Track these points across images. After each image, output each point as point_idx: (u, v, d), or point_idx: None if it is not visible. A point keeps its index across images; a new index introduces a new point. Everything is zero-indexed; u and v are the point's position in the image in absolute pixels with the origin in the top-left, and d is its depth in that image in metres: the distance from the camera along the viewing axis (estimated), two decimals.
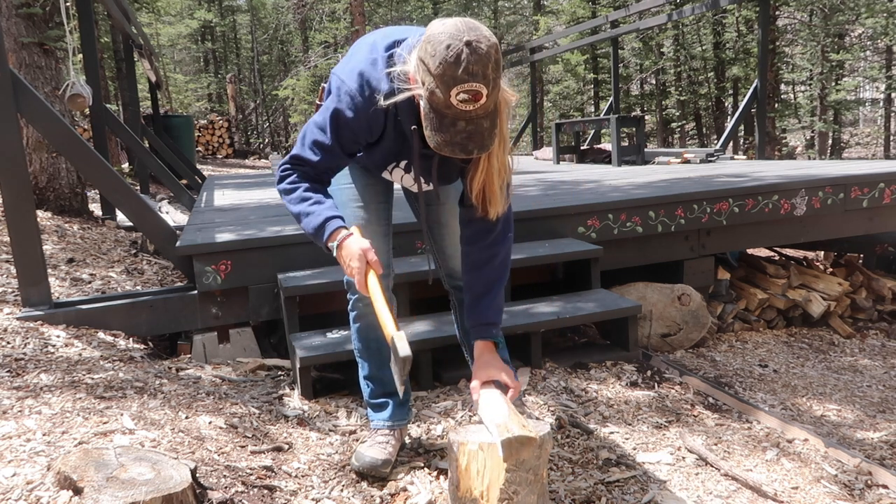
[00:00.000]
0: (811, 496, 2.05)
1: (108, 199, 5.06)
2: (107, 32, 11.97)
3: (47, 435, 1.84)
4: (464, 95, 1.39)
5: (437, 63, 1.38)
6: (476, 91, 1.38)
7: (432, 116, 1.44)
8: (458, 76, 1.37)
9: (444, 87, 1.39)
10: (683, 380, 2.92)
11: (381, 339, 1.95)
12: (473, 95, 1.39)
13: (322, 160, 1.66)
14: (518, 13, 22.76)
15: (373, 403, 2.09)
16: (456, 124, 1.42)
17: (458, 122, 1.42)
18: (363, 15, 14.82)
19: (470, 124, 1.43)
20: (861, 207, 4.16)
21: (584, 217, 3.53)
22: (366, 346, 2.03)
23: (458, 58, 1.37)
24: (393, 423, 2.06)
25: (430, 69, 1.40)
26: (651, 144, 16.34)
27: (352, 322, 2.03)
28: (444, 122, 1.43)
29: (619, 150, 7.32)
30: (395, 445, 2.04)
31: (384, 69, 1.57)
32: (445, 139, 1.44)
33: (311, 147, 1.66)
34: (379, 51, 1.61)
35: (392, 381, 1.96)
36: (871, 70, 14.58)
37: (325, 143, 1.65)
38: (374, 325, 1.92)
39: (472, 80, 1.38)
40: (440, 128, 1.43)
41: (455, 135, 1.43)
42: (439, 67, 1.38)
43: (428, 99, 1.43)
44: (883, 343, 3.97)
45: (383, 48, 1.61)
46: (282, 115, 22.93)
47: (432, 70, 1.39)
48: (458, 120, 1.42)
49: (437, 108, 1.42)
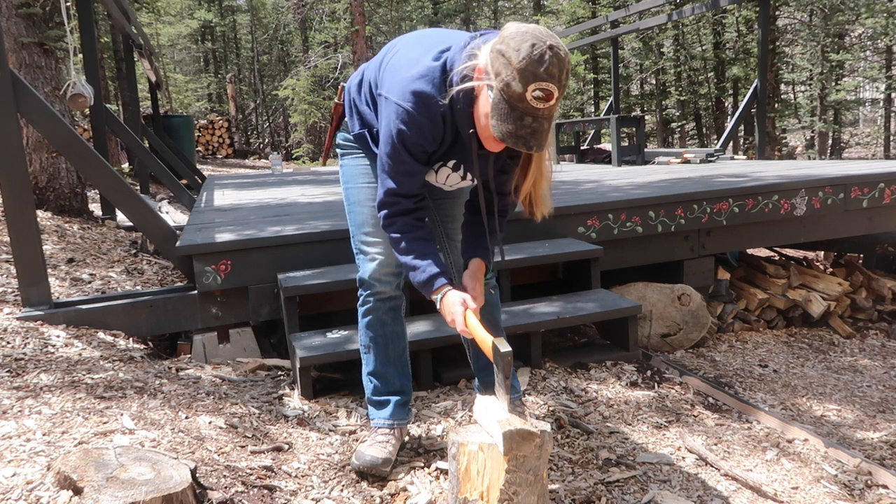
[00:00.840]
0: (811, 496, 2.06)
1: (108, 199, 5.06)
2: (107, 32, 11.98)
3: (47, 435, 1.84)
4: (539, 93, 1.46)
5: (521, 57, 1.44)
6: (550, 91, 1.46)
7: (503, 107, 1.49)
8: (539, 73, 1.44)
9: (524, 81, 1.45)
10: (683, 380, 2.92)
11: (389, 336, 2.05)
12: (547, 95, 1.46)
13: (411, 185, 1.75)
14: (518, 13, 22.76)
15: (374, 401, 2.11)
16: (523, 119, 1.48)
17: (526, 118, 1.48)
18: (363, 15, 14.83)
19: (535, 122, 1.49)
20: (861, 207, 4.16)
21: (584, 217, 3.53)
22: (373, 340, 2.06)
23: (542, 57, 1.44)
24: (394, 421, 2.08)
25: (511, 62, 1.45)
26: (651, 144, 16.34)
27: (361, 316, 2.07)
28: (512, 114, 1.48)
29: (619, 150, 7.32)
30: (396, 445, 2.06)
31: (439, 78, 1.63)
32: (510, 130, 1.49)
33: (395, 177, 1.73)
34: (426, 62, 1.66)
35: (394, 380, 2.08)
36: (871, 70, 14.58)
37: (405, 170, 1.72)
38: (382, 320, 2.04)
39: (549, 80, 1.45)
40: (508, 119, 1.49)
41: (521, 128, 1.49)
42: (522, 62, 1.44)
43: (502, 90, 1.48)
44: (883, 343, 3.97)
45: (431, 59, 1.66)
46: (282, 115, 22.93)
47: (514, 63, 1.45)
48: (527, 115, 1.48)
49: (510, 101, 1.48)
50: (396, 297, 2.07)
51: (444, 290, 1.73)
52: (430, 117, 1.64)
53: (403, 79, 1.66)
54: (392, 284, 2.04)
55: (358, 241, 2.04)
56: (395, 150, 1.69)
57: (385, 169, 1.73)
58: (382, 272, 2.00)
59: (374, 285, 2.02)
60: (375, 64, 1.86)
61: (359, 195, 2.01)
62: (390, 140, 1.69)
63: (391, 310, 2.06)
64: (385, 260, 1.99)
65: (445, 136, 1.71)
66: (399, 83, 1.66)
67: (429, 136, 1.68)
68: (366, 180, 2.00)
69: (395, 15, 21.31)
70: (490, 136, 1.58)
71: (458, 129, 1.69)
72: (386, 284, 2.02)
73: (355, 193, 2.02)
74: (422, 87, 1.63)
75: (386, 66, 1.77)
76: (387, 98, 1.69)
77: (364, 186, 2.01)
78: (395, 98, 1.66)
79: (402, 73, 1.67)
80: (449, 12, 20.10)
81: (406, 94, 1.64)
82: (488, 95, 1.53)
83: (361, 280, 2.04)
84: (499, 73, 1.48)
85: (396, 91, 1.66)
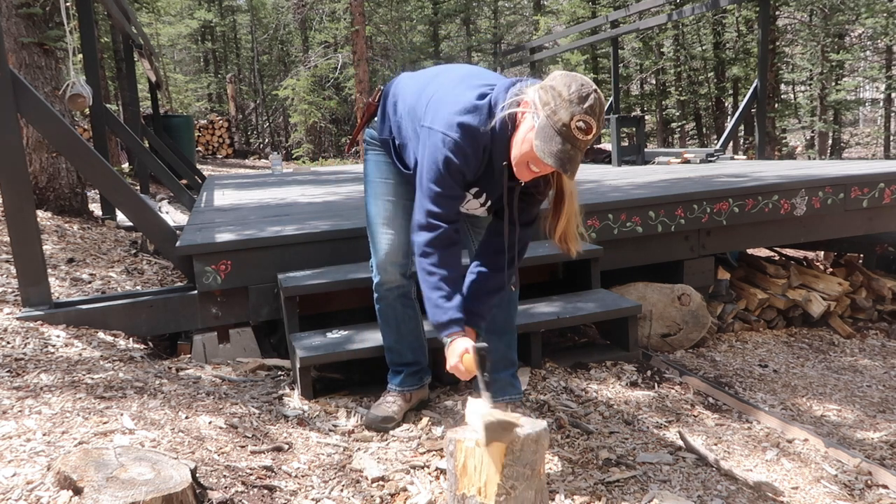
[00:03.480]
0: (811, 496, 2.06)
1: (108, 199, 5.06)
2: (107, 32, 11.97)
3: (47, 435, 1.84)
4: (582, 124, 1.65)
5: (572, 91, 1.66)
6: (590, 126, 1.66)
7: (548, 132, 1.67)
8: (585, 107, 1.66)
9: (571, 111, 1.65)
10: (683, 380, 2.92)
11: (401, 318, 2.33)
12: (587, 128, 1.66)
13: (451, 209, 1.90)
14: (518, 13, 22.75)
15: (391, 370, 2.42)
16: (564, 144, 1.66)
17: (566, 144, 1.66)
18: (363, 15, 14.82)
19: (573, 150, 1.67)
20: (861, 207, 4.16)
21: (584, 217, 3.51)
22: (386, 322, 2.36)
23: (588, 96, 1.66)
24: (402, 388, 2.39)
25: (561, 94, 1.66)
26: (651, 144, 16.34)
27: (375, 302, 2.35)
28: (556, 138, 1.66)
29: (619, 150, 7.32)
30: (402, 406, 2.36)
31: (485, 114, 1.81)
32: (551, 150, 1.67)
33: (438, 202, 1.87)
34: (472, 99, 1.82)
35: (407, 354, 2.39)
36: (871, 70, 14.57)
37: (447, 194, 1.87)
38: (393, 306, 2.32)
39: (592, 116, 1.66)
40: (551, 142, 1.67)
41: (561, 152, 1.67)
42: (573, 94, 1.66)
43: (549, 115, 1.67)
44: (883, 343, 3.97)
45: (476, 96, 1.83)
46: (282, 115, 22.92)
47: (564, 95, 1.66)
48: (567, 142, 1.66)
49: (556, 126, 1.66)
50: (404, 285, 2.29)
51: (454, 337, 1.87)
52: (474, 147, 1.82)
53: (450, 113, 1.82)
54: (399, 273, 2.26)
55: (371, 231, 2.26)
56: (441, 175, 1.83)
57: (428, 194, 1.87)
58: (389, 261, 2.23)
59: (383, 274, 2.27)
60: (416, 90, 2.02)
61: (377, 189, 2.23)
62: (435, 166, 1.83)
63: (401, 296, 2.31)
64: (392, 248, 2.22)
65: (481, 165, 1.88)
66: (445, 116, 1.82)
67: (471, 164, 1.85)
68: (385, 176, 2.22)
69: (395, 15, 21.29)
70: (522, 163, 1.76)
71: (492, 159, 1.86)
72: (392, 274, 2.25)
73: (375, 187, 2.24)
74: (468, 121, 1.80)
75: (429, 99, 1.93)
76: (431, 129, 1.85)
77: (383, 182, 2.22)
78: (442, 129, 1.81)
79: (448, 108, 1.83)
80: (449, 12, 20.08)
81: (453, 126, 1.80)
82: (533, 122, 1.71)
83: (372, 268, 2.30)
84: (547, 104, 1.68)
85: (443, 123, 1.82)
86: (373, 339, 2.59)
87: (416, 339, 2.39)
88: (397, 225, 2.21)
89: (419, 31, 21.46)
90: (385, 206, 2.21)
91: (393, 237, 2.21)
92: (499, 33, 21.19)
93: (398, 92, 2.12)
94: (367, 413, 2.37)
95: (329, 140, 19.92)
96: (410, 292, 2.33)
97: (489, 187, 1.95)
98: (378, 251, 2.24)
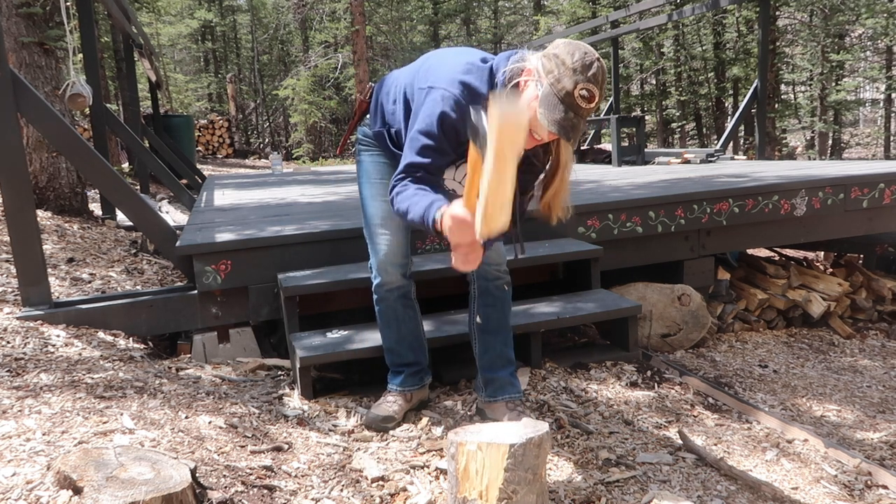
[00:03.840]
0: (811, 496, 2.06)
1: (108, 199, 5.06)
2: (107, 32, 11.97)
3: (47, 434, 1.84)
4: (585, 92, 1.65)
5: (576, 59, 1.65)
6: (593, 94, 1.66)
7: (551, 100, 1.66)
8: (588, 76, 1.65)
9: (574, 79, 1.64)
10: (683, 380, 2.92)
11: (401, 319, 2.32)
12: (590, 96, 1.66)
13: (433, 161, 1.84)
14: (518, 13, 22.76)
15: (391, 370, 2.42)
16: (567, 112, 1.66)
17: (569, 112, 1.66)
18: (363, 15, 14.83)
19: (576, 118, 1.67)
20: (861, 208, 4.16)
21: (584, 217, 3.52)
22: (387, 323, 2.35)
23: (592, 65, 1.66)
24: (402, 388, 2.38)
25: (564, 63, 1.65)
26: (651, 144, 16.34)
27: (375, 304, 2.34)
28: (560, 106, 1.66)
29: (619, 151, 7.32)
30: (403, 406, 2.36)
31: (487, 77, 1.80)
32: (556, 119, 1.66)
33: (421, 152, 1.82)
34: (473, 62, 1.83)
35: (407, 354, 2.36)
36: (871, 70, 14.57)
37: (433, 146, 1.82)
38: (393, 307, 2.31)
39: (595, 84, 1.66)
40: (555, 110, 1.66)
41: (564, 120, 1.66)
42: (577, 63, 1.65)
43: (553, 84, 1.66)
44: (883, 343, 3.97)
45: (478, 60, 1.84)
46: (282, 115, 22.93)
47: (568, 64, 1.65)
48: (570, 110, 1.66)
49: (559, 94, 1.65)
50: (404, 286, 2.30)
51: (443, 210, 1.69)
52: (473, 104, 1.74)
53: (452, 71, 1.81)
54: (399, 273, 2.26)
55: (369, 232, 2.25)
56: (433, 128, 1.80)
57: (414, 146, 1.82)
58: (389, 261, 2.23)
59: (382, 275, 2.26)
60: (410, 70, 2.01)
61: (373, 190, 2.21)
62: (430, 119, 1.80)
63: (400, 297, 2.30)
64: (391, 249, 2.21)
65: None
66: (447, 74, 1.81)
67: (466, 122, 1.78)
68: (380, 177, 2.20)
69: (395, 15, 21.29)
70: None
71: None
72: (392, 275, 2.25)
73: (370, 188, 2.22)
74: (470, 80, 1.79)
75: (428, 68, 1.90)
76: (432, 87, 1.82)
77: (378, 182, 2.20)
78: (443, 85, 1.79)
79: (451, 68, 1.82)
80: (449, 12, 20.09)
81: (455, 83, 1.79)
82: (536, 90, 1.69)
83: (371, 269, 2.30)
84: (550, 72, 1.66)
85: (444, 80, 1.80)
86: (373, 339, 2.59)
87: (417, 340, 2.40)
88: (395, 225, 2.20)
89: (419, 31, 21.47)
90: (382, 206, 2.18)
91: (391, 238, 2.21)
92: (499, 33, 21.19)
93: (390, 81, 2.11)
94: (367, 413, 2.38)
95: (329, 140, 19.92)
96: (410, 292, 2.34)
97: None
98: (377, 252, 2.24)
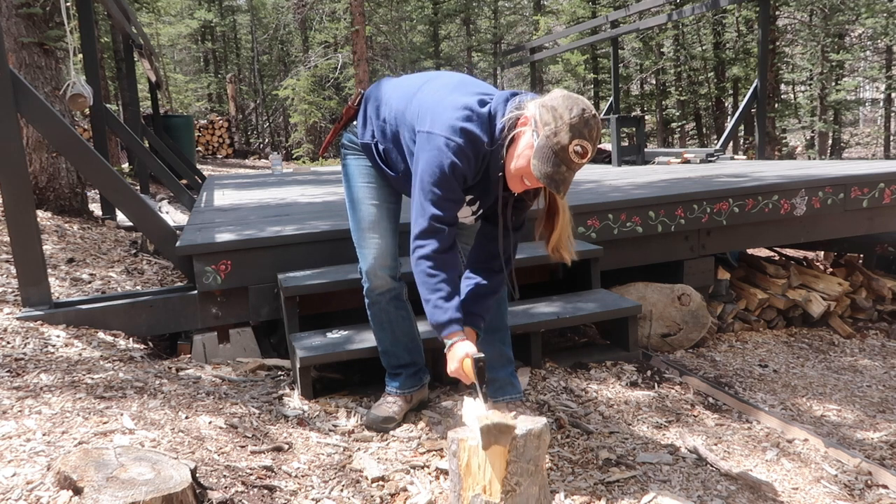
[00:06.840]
0: (811, 496, 2.06)
1: (108, 199, 5.06)
2: (107, 32, 11.98)
3: (47, 435, 1.84)
4: (579, 148, 1.69)
5: (573, 115, 1.69)
6: (586, 150, 1.70)
7: (546, 152, 1.70)
8: (583, 132, 1.69)
9: (570, 135, 1.68)
10: (683, 380, 2.92)
11: (394, 320, 2.32)
12: (583, 152, 1.70)
13: (452, 212, 1.91)
14: (518, 13, 22.75)
15: (389, 373, 2.41)
16: (559, 166, 1.70)
17: (562, 166, 1.70)
18: (363, 15, 14.82)
19: (568, 171, 1.72)
20: (861, 207, 4.16)
21: (584, 217, 3.52)
22: (381, 326, 2.35)
23: (589, 121, 1.70)
24: (402, 390, 2.38)
25: (562, 117, 1.69)
26: (651, 144, 16.33)
27: (367, 308, 2.35)
28: (553, 160, 1.70)
29: (619, 150, 7.32)
30: (403, 406, 2.37)
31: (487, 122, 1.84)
32: (548, 173, 1.70)
33: (440, 205, 1.87)
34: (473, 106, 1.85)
35: (403, 356, 2.38)
36: (871, 70, 14.58)
37: (450, 196, 1.87)
38: (386, 310, 2.30)
39: (589, 140, 1.70)
40: (548, 163, 1.70)
41: (556, 173, 1.71)
42: (574, 118, 1.69)
43: (548, 137, 1.70)
44: (883, 343, 3.97)
45: (477, 104, 1.85)
46: (282, 115, 22.91)
47: (566, 118, 1.69)
48: (563, 164, 1.70)
49: (554, 148, 1.69)
50: (395, 288, 2.28)
51: (455, 339, 1.89)
52: (475, 153, 1.84)
53: (452, 118, 1.83)
54: (389, 276, 2.25)
55: (357, 237, 2.25)
56: (445, 178, 1.83)
57: (429, 198, 1.86)
58: (378, 265, 2.22)
59: (373, 279, 2.25)
60: (403, 96, 2.01)
61: (360, 193, 2.21)
62: (439, 170, 1.83)
63: (392, 299, 2.30)
64: (381, 253, 2.21)
65: (478, 173, 1.90)
66: (448, 122, 1.83)
67: (472, 170, 1.87)
68: (366, 180, 2.21)
69: (395, 15, 21.28)
70: (516, 177, 1.80)
71: (489, 168, 1.89)
72: (382, 278, 2.24)
73: (357, 192, 2.22)
74: (471, 128, 1.82)
75: (422, 104, 1.94)
76: (431, 133, 1.85)
77: (365, 185, 2.21)
78: (445, 133, 1.82)
79: (449, 113, 1.84)
80: (449, 12, 20.08)
81: (456, 130, 1.81)
82: (531, 139, 1.73)
83: (361, 273, 2.28)
84: (547, 124, 1.70)
85: (445, 127, 1.83)
86: (373, 340, 2.58)
87: (412, 340, 2.40)
88: (383, 228, 2.21)
89: (419, 31, 21.47)
90: (369, 210, 2.20)
91: (380, 241, 2.21)
92: (499, 33, 21.19)
93: (381, 96, 2.11)
94: (367, 413, 2.38)
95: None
96: (402, 294, 2.33)
97: (483, 196, 1.98)
98: (366, 257, 2.23)
